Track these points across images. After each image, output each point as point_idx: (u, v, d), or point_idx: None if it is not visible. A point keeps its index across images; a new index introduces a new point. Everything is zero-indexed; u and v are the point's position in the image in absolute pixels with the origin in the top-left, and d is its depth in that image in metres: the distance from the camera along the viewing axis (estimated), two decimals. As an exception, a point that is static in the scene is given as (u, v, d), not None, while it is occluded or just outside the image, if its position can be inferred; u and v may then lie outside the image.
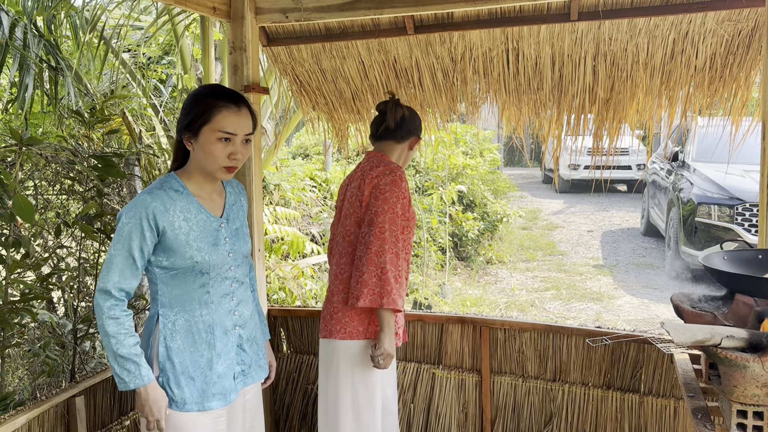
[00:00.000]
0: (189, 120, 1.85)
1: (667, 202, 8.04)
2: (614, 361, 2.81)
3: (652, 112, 3.06)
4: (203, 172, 1.91)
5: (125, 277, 1.80)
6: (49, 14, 4.53)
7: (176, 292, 1.89)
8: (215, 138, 1.83)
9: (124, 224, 1.81)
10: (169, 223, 1.84)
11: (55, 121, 4.72)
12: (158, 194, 1.85)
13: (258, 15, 2.92)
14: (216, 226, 1.94)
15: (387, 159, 2.45)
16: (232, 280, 1.98)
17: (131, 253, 1.80)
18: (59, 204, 3.64)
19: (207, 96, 1.88)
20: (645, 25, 2.82)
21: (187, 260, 1.86)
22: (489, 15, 2.94)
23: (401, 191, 2.34)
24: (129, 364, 1.79)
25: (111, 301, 1.79)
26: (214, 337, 1.93)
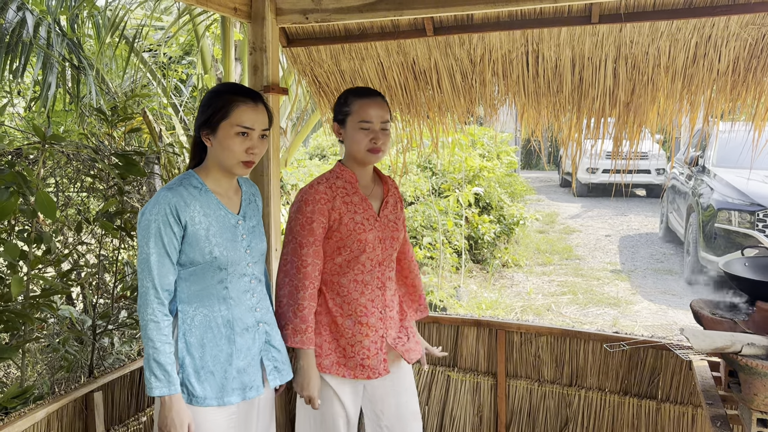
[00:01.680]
0: (207, 116, 1.89)
1: (687, 208, 7.96)
2: (632, 366, 2.78)
3: (673, 116, 3.03)
4: (221, 168, 1.93)
5: (163, 275, 1.83)
6: (73, 14, 4.60)
7: (195, 288, 1.91)
8: (233, 133, 1.86)
9: (150, 222, 1.83)
10: (190, 218, 1.86)
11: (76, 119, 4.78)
12: (178, 190, 1.88)
13: (278, 16, 2.93)
14: (234, 222, 1.96)
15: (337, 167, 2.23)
16: (250, 276, 2.00)
17: (165, 249, 1.83)
18: (79, 201, 3.68)
19: (224, 92, 1.92)
20: (667, 28, 2.80)
21: (206, 255, 1.88)
22: (509, 17, 2.93)
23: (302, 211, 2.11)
24: (160, 371, 1.80)
25: (155, 302, 1.82)
26: (234, 333, 1.95)
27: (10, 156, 3.03)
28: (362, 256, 2.14)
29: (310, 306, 2.08)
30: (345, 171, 2.18)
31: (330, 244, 2.13)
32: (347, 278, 2.14)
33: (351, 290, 2.15)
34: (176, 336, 1.91)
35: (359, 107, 2.11)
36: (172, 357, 1.84)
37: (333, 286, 2.15)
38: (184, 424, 1.83)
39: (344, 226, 2.11)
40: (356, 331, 2.14)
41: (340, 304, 2.15)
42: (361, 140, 2.10)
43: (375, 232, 2.16)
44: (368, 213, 2.16)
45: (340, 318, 2.14)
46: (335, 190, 2.14)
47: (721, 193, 7.11)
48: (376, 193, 2.26)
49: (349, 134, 2.13)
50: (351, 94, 2.16)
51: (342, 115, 2.15)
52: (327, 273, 2.15)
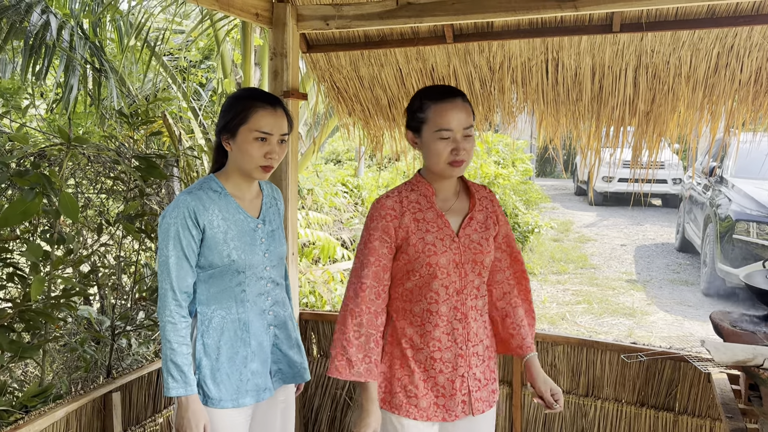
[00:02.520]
0: (227, 121, 1.91)
1: (704, 218, 7.89)
2: (649, 378, 2.76)
3: (693, 126, 3.01)
4: (241, 173, 1.95)
5: (182, 277, 1.85)
6: (96, 18, 4.66)
7: (213, 290, 1.93)
8: (252, 138, 1.88)
9: (170, 225, 1.85)
10: (208, 221, 1.88)
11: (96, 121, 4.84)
12: (197, 194, 1.90)
13: (299, 22, 2.95)
14: (253, 226, 1.97)
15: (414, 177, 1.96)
16: (267, 280, 2.01)
17: (183, 252, 1.85)
18: (99, 203, 3.72)
19: (244, 97, 1.93)
20: (689, 37, 2.78)
21: (224, 259, 1.89)
22: (529, 25, 2.93)
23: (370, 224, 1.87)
24: (177, 371, 1.82)
25: (174, 304, 1.84)
26: (249, 335, 1.96)
27: (33, 157, 3.07)
28: (434, 282, 1.84)
29: (368, 333, 1.80)
30: (421, 183, 1.90)
31: (399, 266, 1.87)
32: (419, 307, 1.86)
33: (424, 321, 1.85)
34: (194, 337, 1.92)
35: (437, 113, 1.81)
36: (189, 358, 1.85)
37: (405, 315, 1.88)
38: (200, 425, 1.84)
39: (412, 247, 1.83)
40: (429, 367, 1.86)
41: (411, 335, 1.86)
42: (441, 152, 1.80)
43: (450, 254, 1.84)
44: (443, 232, 1.85)
45: (411, 351, 1.86)
46: (405, 204, 1.86)
47: (739, 204, 7.04)
48: (458, 209, 1.93)
49: (427, 145, 1.83)
50: (426, 97, 1.85)
51: (417, 122, 1.85)
52: (398, 299, 1.89)
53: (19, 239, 2.67)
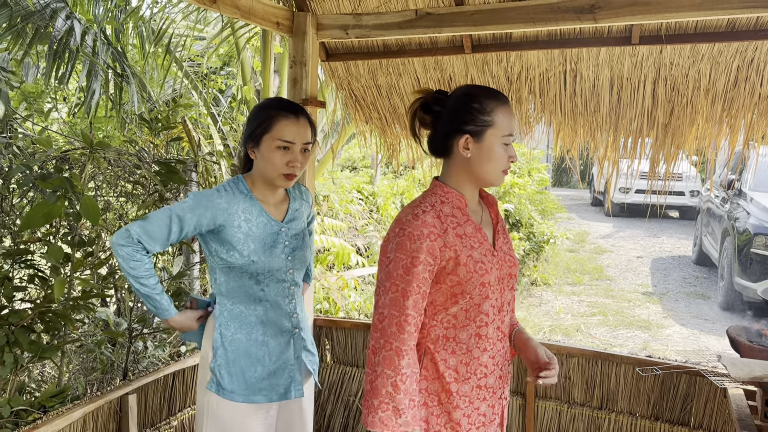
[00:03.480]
0: (251, 130, 1.96)
1: (722, 231, 7.81)
2: (664, 392, 2.74)
3: (712, 138, 2.99)
4: (265, 180, 1.99)
5: (154, 239, 1.86)
6: (119, 24, 4.73)
7: (233, 284, 1.98)
8: (275, 146, 1.92)
9: (185, 201, 1.91)
10: (229, 221, 1.92)
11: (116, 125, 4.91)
12: (225, 193, 1.95)
13: (319, 31, 2.99)
14: (276, 230, 2.01)
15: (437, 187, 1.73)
16: (290, 283, 2.05)
17: (174, 225, 1.87)
18: (119, 206, 3.77)
19: (268, 107, 1.98)
20: (708, 50, 2.77)
21: (244, 258, 1.93)
22: (548, 36, 2.94)
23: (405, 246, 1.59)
24: (153, 300, 1.91)
25: (134, 246, 1.84)
26: (267, 335, 2.00)
27: (55, 161, 3.12)
28: (485, 303, 1.65)
29: (413, 374, 1.58)
30: (451, 193, 1.68)
31: (442, 290, 1.63)
32: (467, 332, 1.65)
33: (471, 347, 1.65)
34: (213, 326, 1.99)
35: (503, 117, 1.64)
36: (159, 286, 1.93)
37: (447, 344, 1.65)
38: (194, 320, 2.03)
39: (463, 266, 1.61)
40: (474, 397, 1.67)
41: (455, 366, 1.65)
42: (501, 159, 1.65)
43: (495, 271, 1.67)
44: (484, 247, 1.67)
45: (456, 384, 1.65)
46: (444, 219, 1.63)
47: (758, 218, 6.97)
48: (486, 219, 1.77)
49: (487, 150, 1.64)
50: (488, 98, 1.65)
51: (479, 125, 1.63)
52: (438, 327, 1.65)
53: (40, 241, 2.72)
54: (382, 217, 9.01)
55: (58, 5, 4.04)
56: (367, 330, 3.29)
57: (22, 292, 2.58)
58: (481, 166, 1.65)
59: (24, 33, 3.99)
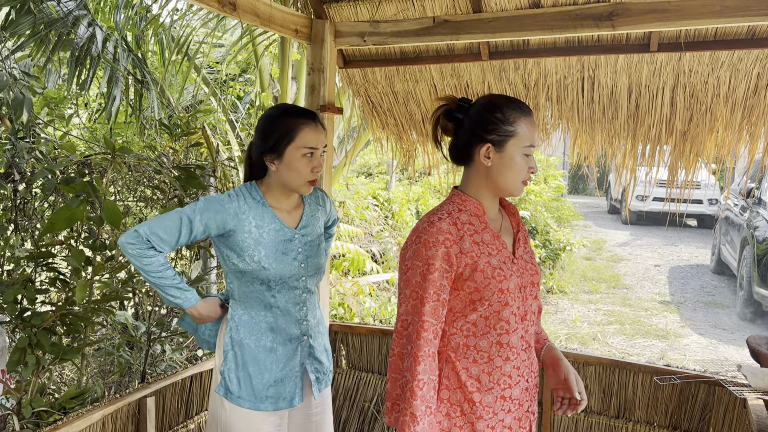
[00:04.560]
0: (273, 142, 1.92)
1: (741, 240, 7.72)
2: (682, 401, 2.71)
3: (731, 146, 2.97)
4: (285, 189, 1.99)
5: (164, 240, 1.86)
6: (139, 31, 4.79)
7: (244, 289, 1.98)
8: (300, 155, 1.92)
9: (196, 204, 1.92)
10: (239, 226, 1.92)
11: (136, 131, 4.97)
12: (236, 198, 1.95)
13: (337, 38, 3.01)
14: (289, 236, 2.00)
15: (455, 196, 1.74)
16: (302, 290, 2.04)
17: (184, 227, 1.88)
18: (138, 211, 3.81)
19: (284, 116, 1.96)
20: (728, 58, 2.76)
21: (254, 264, 1.93)
22: (565, 43, 2.93)
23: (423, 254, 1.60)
24: (174, 290, 1.91)
25: (142, 245, 1.84)
26: (276, 342, 2.00)
27: (77, 166, 3.17)
28: (504, 310, 1.64)
29: (430, 380, 1.58)
30: (469, 201, 1.69)
31: (460, 297, 1.64)
32: (487, 341, 1.64)
33: (493, 356, 1.64)
34: (224, 329, 2.00)
35: (525, 128, 1.65)
36: (177, 277, 1.93)
37: (468, 352, 1.64)
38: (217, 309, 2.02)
39: (480, 273, 1.62)
40: (498, 408, 1.65)
41: (477, 376, 1.64)
42: (522, 169, 1.66)
43: (515, 278, 1.67)
44: (503, 255, 1.68)
45: (478, 394, 1.63)
46: (461, 226, 1.64)
47: (778, 227, 6.89)
48: (507, 228, 1.77)
49: (508, 160, 1.64)
50: (512, 108, 1.66)
51: (501, 134, 1.64)
52: (458, 335, 1.65)
53: (62, 244, 2.76)
54: (397, 223, 9.01)
55: (81, 13, 4.10)
56: (382, 336, 3.30)
57: (43, 295, 2.62)
58: (501, 175, 1.66)
59: (47, 40, 4.06)
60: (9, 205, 3.25)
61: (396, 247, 7.96)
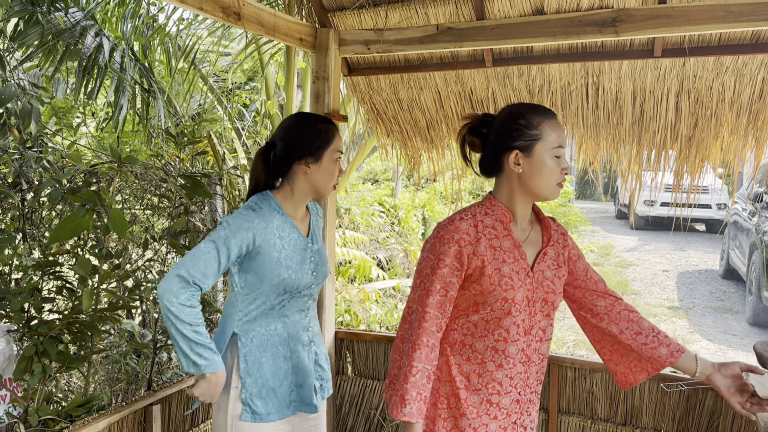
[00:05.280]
0: (315, 147, 1.97)
1: (750, 245, 7.67)
2: (689, 408, 2.70)
3: (737, 151, 2.96)
4: (306, 195, 2.02)
5: (207, 275, 1.82)
6: (146, 41, 4.83)
7: (252, 308, 1.96)
8: (335, 158, 2.01)
9: (223, 228, 1.86)
10: (266, 240, 1.91)
11: (143, 140, 5.00)
12: (260, 212, 1.93)
13: (341, 46, 3.02)
14: (304, 245, 2.03)
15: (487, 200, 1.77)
16: (308, 297, 2.07)
17: (222, 256, 1.84)
18: (145, 219, 3.83)
19: (316, 123, 2.02)
20: (732, 63, 2.75)
21: (275, 278, 1.93)
22: (569, 49, 2.94)
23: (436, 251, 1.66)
24: (206, 351, 1.82)
25: (190, 290, 1.79)
26: (290, 350, 2.02)
27: (84, 175, 3.19)
28: (506, 319, 1.66)
29: (425, 369, 1.62)
30: (498, 207, 1.71)
31: (465, 297, 1.68)
32: (483, 343, 1.67)
33: (486, 359, 1.67)
34: (237, 357, 1.96)
35: (552, 130, 1.67)
36: (208, 336, 1.86)
37: (463, 350, 1.69)
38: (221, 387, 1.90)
39: (487, 277, 1.64)
40: (482, 411, 1.68)
41: (467, 374, 1.69)
42: (554, 171, 1.67)
43: (524, 290, 1.67)
44: (519, 265, 1.68)
45: (464, 392, 1.68)
46: (481, 230, 1.66)
47: (787, 231, 6.84)
48: (534, 240, 1.77)
49: (538, 164, 1.66)
50: (534, 113, 1.69)
51: (527, 139, 1.66)
52: (457, 332, 1.70)
53: (68, 253, 2.78)
54: (403, 229, 9.01)
55: (88, 23, 4.14)
56: (388, 343, 3.30)
57: (50, 303, 2.63)
58: (534, 180, 1.68)
59: (55, 50, 4.10)
60: (17, 214, 3.28)
61: (402, 254, 7.95)
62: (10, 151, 3.16)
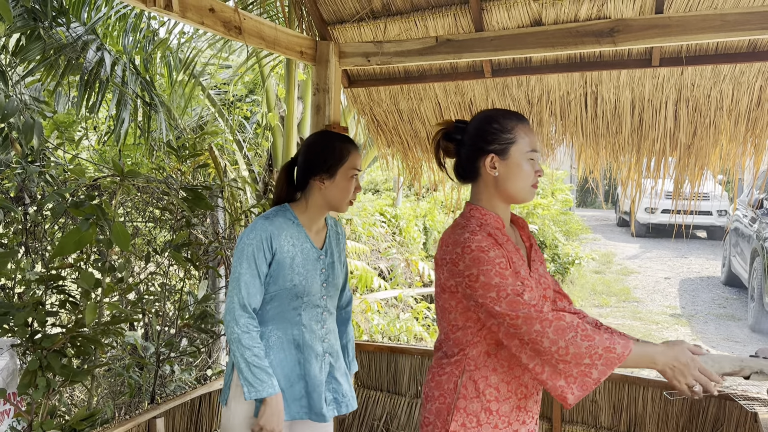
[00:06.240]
0: (329, 164, 2.05)
1: (751, 251, 7.67)
2: (692, 416, 2.69)
3: (736, 159, 2.98)
4: (323, 209, 2.11)
5: (252, 294, 1.99)
6: (147, 54, 4.86)
7: (273, 311, 2.06)
8: (349, 175, 2.07)
9: (246, 245, 2.00)
10: (280, 246, 2.03)
11: (145, 152, 5.02)
12: (273, 220, 2.06)
13: (341, 59, 3.05)
14: (316, 256, 2.11)
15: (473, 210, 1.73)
16: (323, 308, 2.13)
17: (257, 271, 1.99)
18: (147, 232, 3.84)
19: (336, 141, 2.10)
20: (730, 71, 2.77)
21: (287, 282, 2.03)
22: (567, 59, 2.96)
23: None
24: (263, 374, 1.95)
25: (245, 317, 1.96)
26: (304, 357, 2.08)
27: (86, 188, 3.21)
28: None
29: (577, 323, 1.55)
30: (488, 215, 1.69)
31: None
32: (508, 350, 1.62)
33: (513, 365, 1.64)
34: None
35: (525, 134, 1.68)
36: (267, 361, 1.99)
37: (488, 361, 1.64)
38: (282, 422, 1.99)
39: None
40: (513, 419, 1.66)
41: (496, 384, 1.64)
42: (529, 174, 1.68)
43: (533, 290, 1.63)
44: (524, 267, 1.67)
45: (496, 403, 1.63)
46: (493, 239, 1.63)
47: (788, 237, 6.84)
48: (519, 241, 1.79)
49: (514, 166, 1.66)
50: (507, 118, 1.70)
51: (502, 143, 1.67)
52: (480, 343, 1.64)
53: (71, 267, 2.79)
54: (404, 239, 9.02)
55: (89, 37, 4.17)
56: (390, 353, 3.30)
57: (53, 317, 2.64)
58: (510, 182, 1.68)
59: (56, 65, 4.12)
60: (20, 228, 3.29)
61: (404, 264, 7.95)
62: (12, 166, 3.17)
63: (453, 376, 1.65)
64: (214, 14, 2.34)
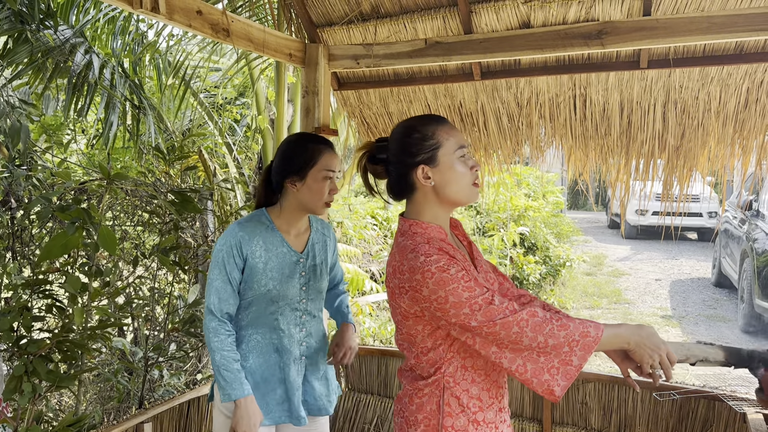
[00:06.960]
0: (298, 165, 2.03)
1: (741, 253, 7.71)
2: (682, 417, 2.70)
3: (724, 160, 2.99)
4: (301, 210, 2.08)
5: (224, 300, 1.99)
6: (136, 57, 4.84)
7: (251, 315, 2.06)
8: (321, 177, 2.03)
9: (218, 251, 2.01)
10: (251, 251, 2.01)
11: (134, 156, 5.00)
12: (245, 225, 2.05)
13: (331, 61, 3.04)
14: (294, 260, 2.09)
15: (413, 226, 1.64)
16: (302, 312, 2.12)
17: (227, 277, 2.00)
18: (135, 235, 3.82)
19: (307, 142, 2.07)
20: (717, 73, 2.79)
21: (262, 288, 2.02)
22: (556, 62, 2.97)
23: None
24: (231, 376, 1.96)
25: (215, 321, 1.98)
26: (283, 361, 2.07)
27: (74, 192, 3.18)
28: None
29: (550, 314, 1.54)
30: (430, 227, 1.61)
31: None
32: (481, 357, 1.60)
33: (489, 371, 1.62)
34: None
35: (448, 135, 1.61)
36: (239, 364, 1.99)
37: (465, 374, 1.60)
38: (256, 425, 1.97)
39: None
40: (498, 422, 1.64)
41: (478, 395, 1.61)
42: (465, 173, 1.61)
43: (495, 292, 1.58)
44: (472, 267, 1.61)
45: (481, 413, 1.60)
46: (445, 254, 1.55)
47: (777, 239, 6.88)
48: (458, 244, 1.74)
49: (448, 170, 1.60)
50: (425, 124, 1.63)
51: (428, 150, 1.60)
52: (455, 358, 1.60)
53: (59, 271, 2.76)
54: (397, 242, 9.00)
55: (78, 40, 4.15)
56: (381, 356, 3.29)
57: (40, 322, 2.62)
58: (449, 188, 1.61)
59: (44, 68, 4.09)
60: (6, 232, 3.26)
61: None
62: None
63: (434, 396, 1.59)
64: (202, 16, 2.33)
